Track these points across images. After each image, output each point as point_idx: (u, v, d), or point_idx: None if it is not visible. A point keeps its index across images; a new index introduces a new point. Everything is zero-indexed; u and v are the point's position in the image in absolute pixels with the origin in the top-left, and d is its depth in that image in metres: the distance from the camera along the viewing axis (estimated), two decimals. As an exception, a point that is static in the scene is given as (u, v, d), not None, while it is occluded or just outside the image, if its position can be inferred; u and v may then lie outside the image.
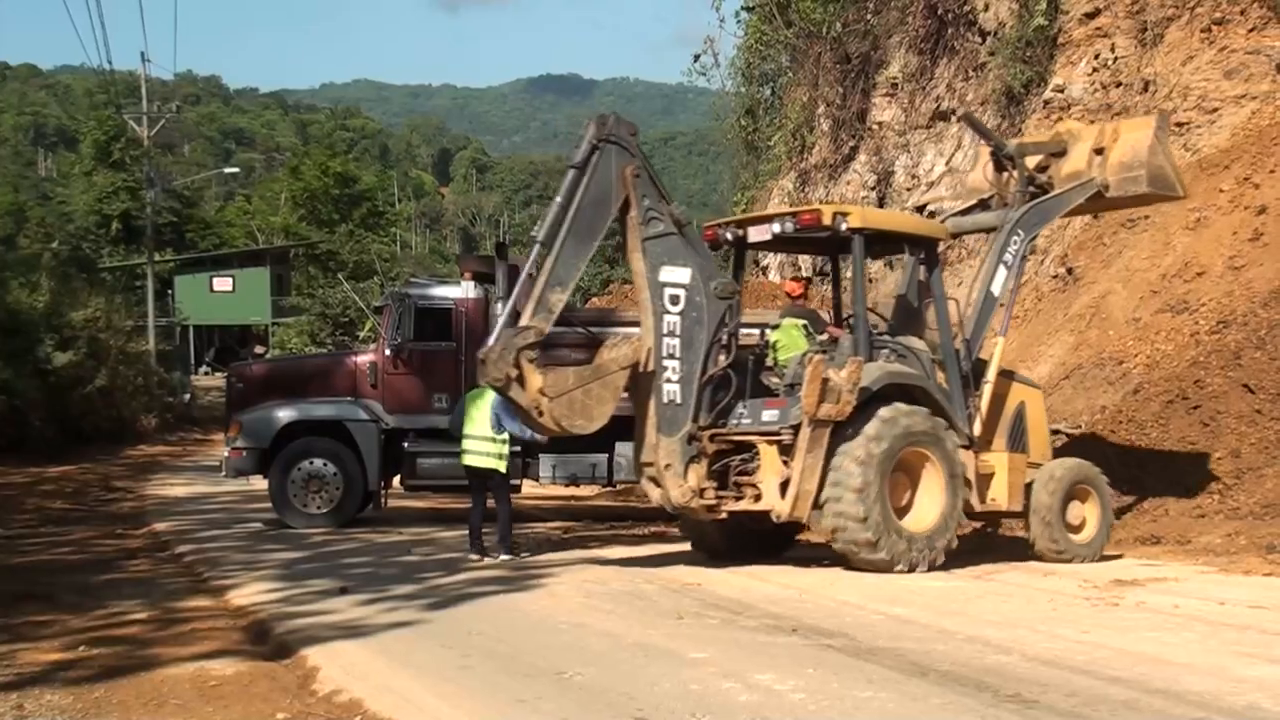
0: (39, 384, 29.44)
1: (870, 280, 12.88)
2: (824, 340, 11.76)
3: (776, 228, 11.62)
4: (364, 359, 17.49)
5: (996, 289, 11.88)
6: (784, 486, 10.71)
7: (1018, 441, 11.84)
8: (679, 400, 11.03)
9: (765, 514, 11.00)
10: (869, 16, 24.10)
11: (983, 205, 13.07)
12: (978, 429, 11.44)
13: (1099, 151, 12.25)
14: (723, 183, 35.69)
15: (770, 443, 10.93)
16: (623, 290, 26.38)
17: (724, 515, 11.27)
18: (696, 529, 11.96)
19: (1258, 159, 16.39)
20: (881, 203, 23.90)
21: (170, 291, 50.38)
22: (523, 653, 7.99)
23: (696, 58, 29.66)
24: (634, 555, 13.07)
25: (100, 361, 33.18)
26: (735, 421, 11.28)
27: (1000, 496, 11.48)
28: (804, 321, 12.04)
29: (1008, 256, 11.87)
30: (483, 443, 12.87)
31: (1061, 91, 19.87)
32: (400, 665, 7.76)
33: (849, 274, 12.03)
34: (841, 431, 10.57)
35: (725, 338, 11.42)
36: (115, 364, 32.43)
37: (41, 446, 27.72)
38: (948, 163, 22.09)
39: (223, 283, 52.48)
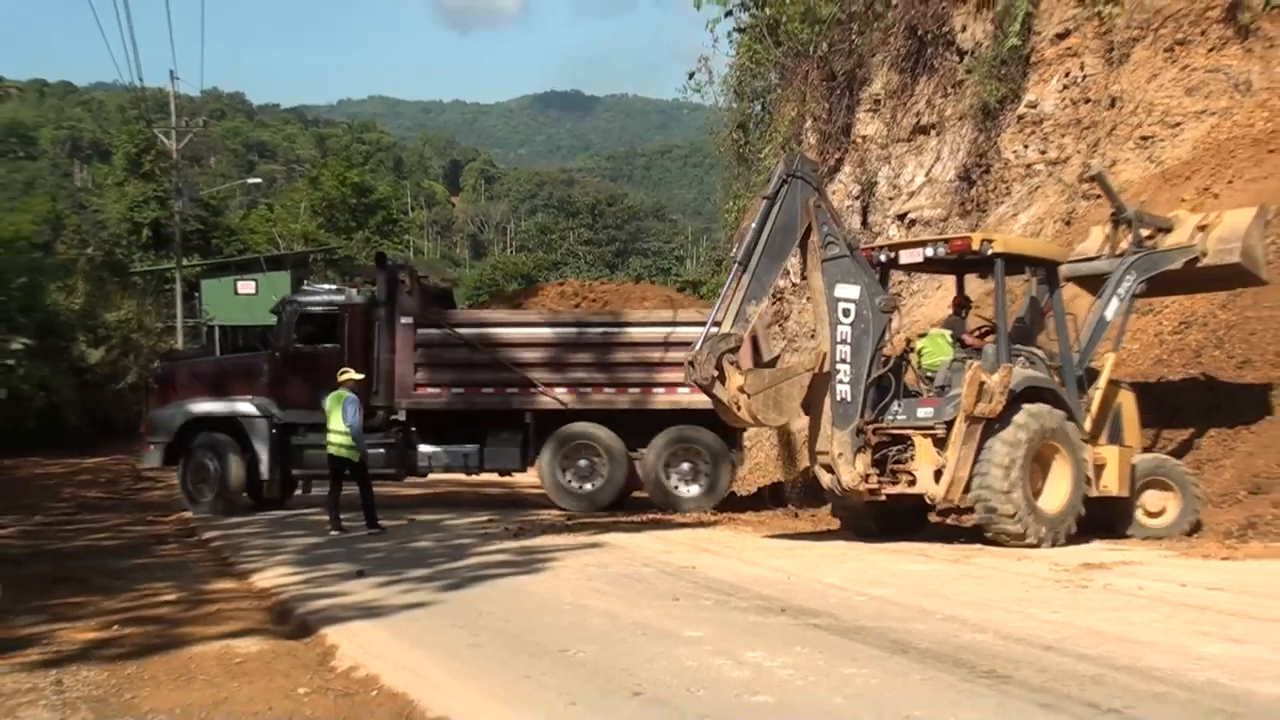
0: (74, 381, 29.48)
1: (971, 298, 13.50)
2: (969, 348, 12.35)
3: (930, 252, 12.34)
4: (261, 360, 18.15)
5: (1109, 314, 12.74)
6: (938, 474, 11.44)
7: (1117, 435, 12.45)
8: (849, 399, 11.70)
9: (912, 498, 11.81)
10: (853, 37, 24.09)
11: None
12: (1088, 426, 12.11)
13: (1202, 228, 13.04)
14: (716, 192, 35.66)
15: (925, 436, 11.61)
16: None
17: (884, 498, 11.89)
18: (850, 511, 12.55)
19: (1216, 170, 16.41)
20: (864, 212, 23.90)
21: (197, 294, 50.19)
22: (528, 632, 7.99)
23: (691, 75, 29.67)
24: (633, 540, 13.09)
25: (132, 359, 33.20)
26: (892, 418, 11.91)
27: (1112, 484, 12.05)
28: (949, 331, 12.66)
29: (1121, 290, 12.74)
30: (339, 436, 14.46)
31: (1034, 107, 19.88)
32: (413, 644, 7.76)
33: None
34: (990, 427, 11.28)
35: (885, 345, 12.02)
36: (146, 362, 32.45)
37: (77, 439, 27.76)
38: (927, 174, 22.09)
39: (246, 286, 52.26)
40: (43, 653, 7.76)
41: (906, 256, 12.61)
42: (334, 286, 19.35)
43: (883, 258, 12.62)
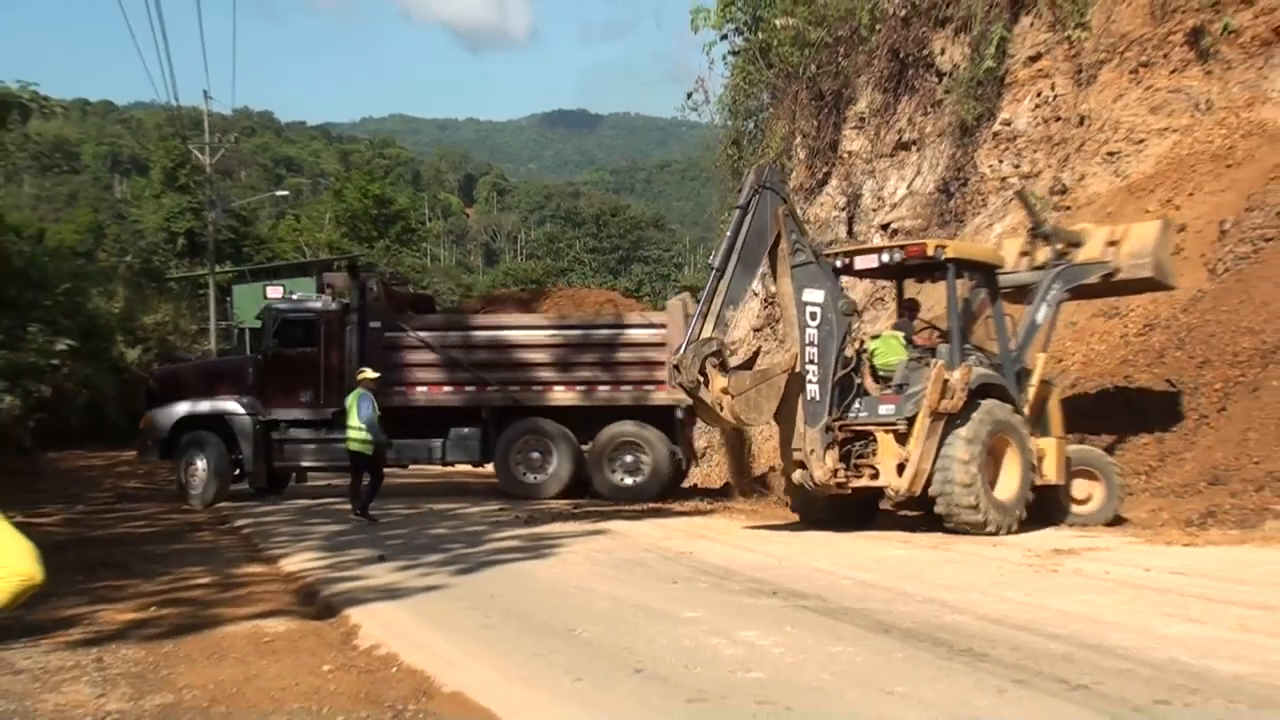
0: (115, 379, 29.44)
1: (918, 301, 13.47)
2: (922, 348, 12.32)
3: (886, 258, 12.27)
4: (247, 363, 18.89)
5: (1039, 319, 12.76)
6: (900, 467, 11.36)
7: (1046, 428, 12.50)
8: (818, 398, 11.58)
9: (865, 491, 11.89)
10: (840, 59, 24.07)
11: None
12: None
13: (1113, 243, 13.11)
14: (712, 204, 35.59)
15: (887, 431, 11.54)
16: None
17: (849, 491, 11.83)
18: (807, 503, 12.38)
19: (1178, 184, 16.41)
20: (850, 223, 23.87)
21: (229, 298, 50.17)
22: (537, 613, 7.99)
23: (689, 95, 29.57)
24: (634, 528, 13.10)
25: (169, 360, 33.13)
26: (855, 415, 11.79)
27: (1050, 473, 12.08)
28: (901, 333, 12.57)
29: (1049, 298, 12.80)
30: (356, 431, 14.51)
31: (1008, 125, 19.86)
32: (431, 624, 7.76)
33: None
34: (950, 422, 11.26)
35: (847, 347, 11.95)
36: (164, 363, 32.44)
37: (116, 434, 27.70)
38: (908, 187, 22.08)
39: (275, 291, 52.35)
40: (85, 632, 7.76)
41: (861, 262, 12.46)
42: (312, 295, 19.59)
43: (838, 263, 12.45)
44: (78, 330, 28.21)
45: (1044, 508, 12.03)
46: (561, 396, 17.46)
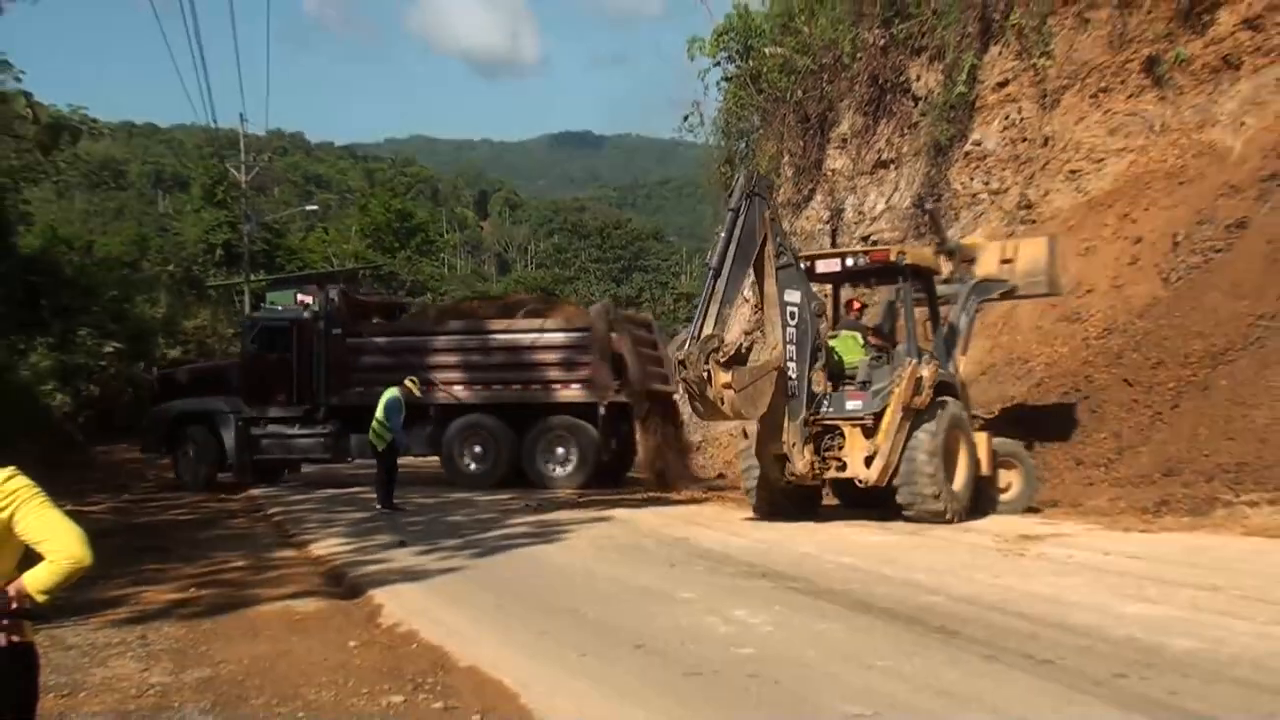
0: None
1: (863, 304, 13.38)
2: (877, 347, 12.14)
3: (850, 262, 12.13)
4: (233, 366, 19.52)
5: (961, 325, 12.65)
6: (868, 460, 11.15)
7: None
8: (797, 394, 11.34)
9: (817, 481, 11.70)
10: (824, 85, 24.05)
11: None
12: None
13: (1006, 261, 13.05)
14: (706, 218, 35.58)
15: (854, 426, 11.33)
16: None
17: (822, 481, 11.71)
18: (769, 495, 11.99)
19: (1135, 199, 16.39)
20: (834, 235, 23.84)
21: (263, 304, 50.21)
22: (545, 594, 8.00)
23: (686, 118, 29.52)
24: (635, 515, 13.08)
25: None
26: (825, 410, 11.54)
27: (984, 464, 11.96)
28: (858, 333, 12.39)
29: (968, 307, 12.69)
30: (377, 427, 14.47)
31: (979, 145, 19.83)
32: (448, 603, 7.77)
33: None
34: (916, 417, 11.14)
35: (819, 345, 11.72)
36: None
37: (160, 429, 27.65)
38: (887, 202, 22.05)
39: (305, 297, 52.45)
40: (130, 611, 7.77)
41: (823, 266, 12.16)
42: (289, 306, 20.11)
43: (801, 266, 12.02)
44: (124, 334, 28.28)
45: (976, 497, 11.88)
46: (498, 395, 17.58)
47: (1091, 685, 5.12)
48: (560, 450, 17.58)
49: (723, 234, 11.33)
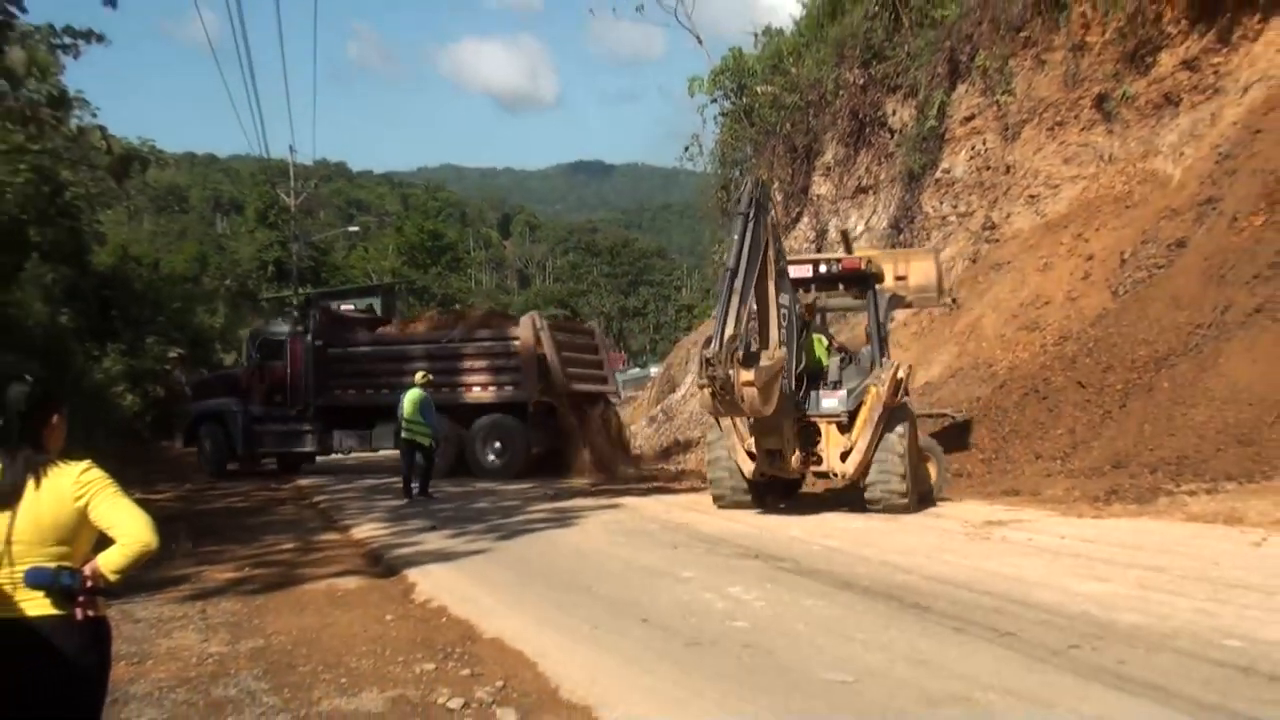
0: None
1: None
2: (842, 350, 11.90)
3: (823, 269, 11.65)
4: (242, 373, 20.11)
5: (885, 332, 12.24)
6: (843, 455, 10.82)
7: None
8: (789, 391, 10.93)
9: (795, 473, 11.34)
10: (810, 119, 24.09)
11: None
12: None
13: (900, 278, 12.62)
14: (705, 238, 35.60)
15: (830, 423, 11.01)
16: None
17: (803, 475, 11.39)
18: (755, 488, 11.50)
19: (1087, 221, 16.37)
20: (819, 253, 23.82)
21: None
22: (561, 573, 7.99)
23: (686, 148, 29.69)
24: (642, 503, 13.07)
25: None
26: (804, 408, 11.11)
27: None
28: (824, 336, 12.11)
29: (883, 317, 11.97)
30: (414, 426, 14.21)
31: (948, 173, 19.82)
32: (474, 581, 7.77)
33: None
34: (890, 416, 10.80)
35: (800, 346, 11.39)
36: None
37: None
38: (866, 224, 22.05)
39: (347, 308, 52.44)
40: (192, 588, 7.78)
41: (795, 271, 11.51)
42: (286, 322, 20.97)
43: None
44: (186, 341, 28.38)
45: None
46: (446, 397, 17.48)
47: (1050, 655, 5.11)
48: (497, 444, 17.92)
49: (735, 236, 10.55)
